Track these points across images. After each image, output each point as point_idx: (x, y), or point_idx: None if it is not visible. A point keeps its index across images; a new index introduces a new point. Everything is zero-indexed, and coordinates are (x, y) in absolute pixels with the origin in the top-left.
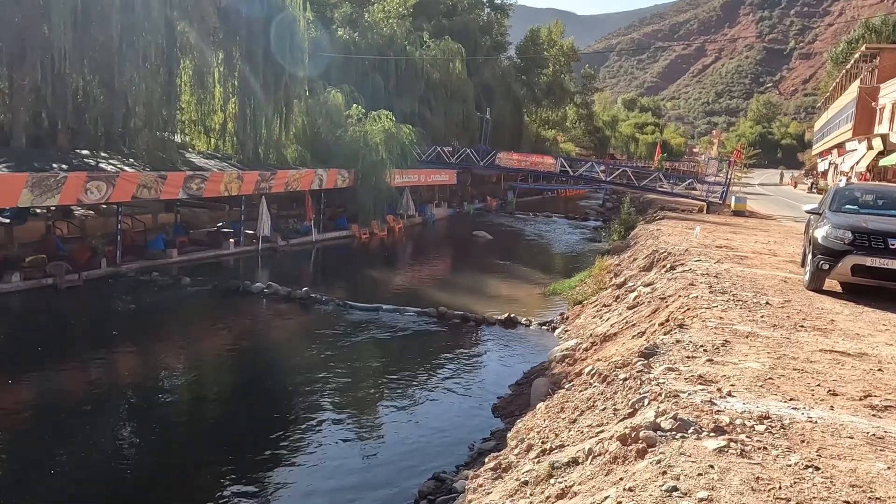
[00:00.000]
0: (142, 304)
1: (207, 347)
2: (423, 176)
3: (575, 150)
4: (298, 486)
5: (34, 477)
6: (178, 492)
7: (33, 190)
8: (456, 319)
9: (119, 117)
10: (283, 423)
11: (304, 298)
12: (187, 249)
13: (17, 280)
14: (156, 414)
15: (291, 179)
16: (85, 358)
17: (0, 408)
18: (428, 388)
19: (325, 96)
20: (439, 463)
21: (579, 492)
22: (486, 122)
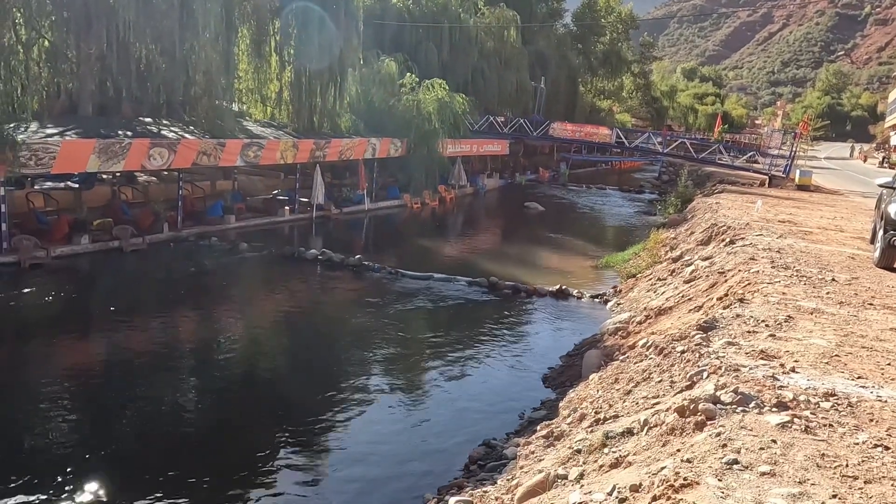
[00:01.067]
0: (201, 268)
1: (263, 311)
2: (475, 146)
3: (631, 120)
4: (349, 451)
5: (100, 431)
6: (233, 451)
7: (100, 156)
8: (507, 290)
9: (180, 86)
10: (335, 388)
11: (356, 266)
12: (244, 216)
13: (86, 242)
14: (213, 374)
15: (345, 148)
16: (149, 318)
17: (71, 364)
18: (478, 356)
19: (379, 65)
20: (489, 430)
21: (634, 461)
22: (539, 92)
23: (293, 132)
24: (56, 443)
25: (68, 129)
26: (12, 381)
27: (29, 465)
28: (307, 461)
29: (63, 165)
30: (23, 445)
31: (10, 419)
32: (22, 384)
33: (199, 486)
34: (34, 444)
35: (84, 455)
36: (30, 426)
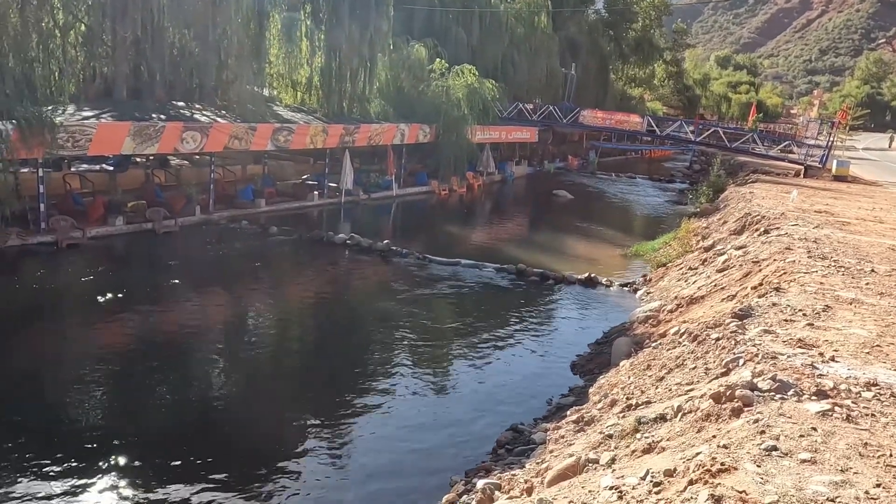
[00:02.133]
0: (232, 251)
1: (293, 294)
2: (504, 133)
3: (662, 109)
4: (377, 433)
5: (133, 408)
6: (261, 431)
7: (135, 138)
8: (535, 277)
9: (212, 70)
10: (362, 372)
11: (384, 251)
12: (274, 200)
13: (121, 224)
14: (243, 354)
15: (374, 134)
16: (181, 299)
17: (105, 342)
18: (505, 343)
19: (409, 50)
20: (516, 415)
21: (668, 447)
22: (570, 79)
23: (323, 117)
24: (90, 419)
25: (104, 111)
26: (50, 358)
27: (64, 441)
28: (335, 442)
29: (99, 147)
30: (58, 421)
31: (46, 395)
32: (59, 361)
33: (228, 464)
34: (69, 421)
35: (116, 431)
36: (65, 403)
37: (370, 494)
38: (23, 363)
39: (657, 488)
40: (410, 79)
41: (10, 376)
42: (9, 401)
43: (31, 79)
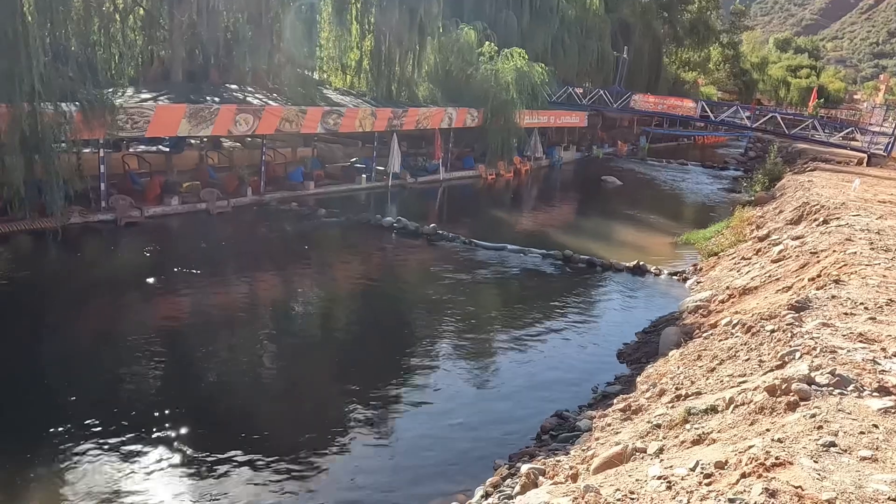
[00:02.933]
0: (282, 232)
1: (340, 275)
2: (552, 117)
3: (717, 93)
4: (420, 416)
5: (184, 381)
6: (306, 410)
7: (190, 120)
8: (581, 264)
9: (265, 53)
10: (407, 354)
11: (431, 234)
12: (323, 182)
13: (176, 204)
14: (290, 332)
15: (422, 117)
16: (232, 277)
17: (160, 316)
18: (550, 329)
19: (458, 34)
20: (561, 401)
21: (719, 439)
22: (621, 62)
23: (372, 101)
24: (143, 392)
25: (161, 94)
26: (108, 331)
27: (117, 410)
28: (379, 423)
29: (156, 129)
30: (114, 391)
31: (104, 366)
32: (116, 334)
33: (274, 440)
34: (123, 392)
35: (168, 402)
36: (120, 374)
37: (414, 476)
38: (82, 335)
39: (708, 480)
40: (459, 62)
41: (71, 347)
42: (69, 370)
43: (94, 62)
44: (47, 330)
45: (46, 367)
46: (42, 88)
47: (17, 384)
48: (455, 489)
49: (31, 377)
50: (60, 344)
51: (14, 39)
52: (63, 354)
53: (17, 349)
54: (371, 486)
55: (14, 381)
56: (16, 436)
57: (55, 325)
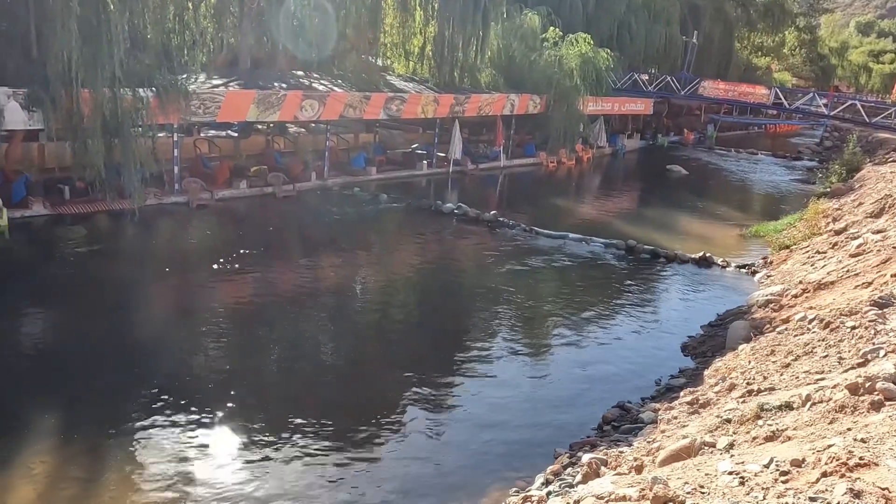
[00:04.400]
0: (345, 216)
1: (400, 260)
2: (616, 104)
3: (791, 80)
4: (479, 401)
5: (247, 358)
6: (364, 392)
7: (259, 106)
8: (645, 254)
9: (330, 40)
10: (466, 339)
11: (491, 221)
12: (384, 168)
13: (244, 187)
14: (350, 315)
15: (484, 104)
16: (297, 259)
17: (228, 295)
18: (611, 319)
19: (522, 19)
20: (622, 393)
21: (794, 437)
22: (690, 47)
23: (434, 87)
24: (209, 365)
25: (231, 80)
26: (178, 308)
27: (182, 384)
28: (436, 409)
29: (227, 114)
30: (179, 366)
31: (171, 341)
32: (186, 311)
33: (334, 420)
34: (189, 365)
35: (232, 379)
36: (188, 349)
37: (474, 462)
38: (154, 311)
39: (784, 477)
40: (522, 48)
41: (143, 322)
42: (140, 344)
43: (169, 49)
44: (121, 305)
45: (119, 341)
46: (122, 75)
47: (91, 355)
48: (515, 476)
49: (105, 349)
50: (133, 319)
51: (97, 28)
52: (135, 329)
53: (93, 322)
54: (430, 471)
55: (89, 353)
56: (86, 406)
57: (129, 301)
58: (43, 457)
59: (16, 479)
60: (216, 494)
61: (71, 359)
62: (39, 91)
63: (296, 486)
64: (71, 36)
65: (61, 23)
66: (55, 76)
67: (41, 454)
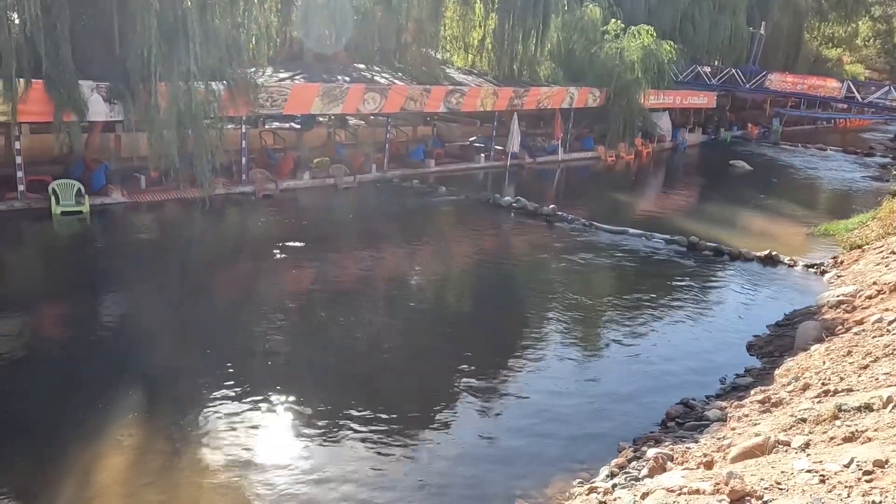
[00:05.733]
0: (404, 208)
1: (458, 252)
2: (678, 98)
3: (864, 72)
4: (536, 393)
5: (306, 343)
6: (419, 382)
7: (323, 99)
8: (708, 251)
9: (393, 33)
10: (520, 332)
11: (550, 215)
12: (442, 161)
13: (307, 178)
14: (406, 306)
15: (543, 97)
16: (356, 248)
17: (289, 281)
18: (673, 316)
19: (582, 11)
20: (685, 390)
21: (875, 438)
22: (757, 39)
23: (493, 80)
24: (269, 350)
25: (296, 74)
26: (245, 292)
27: (249, 366)
28: (494, 397)
29: (292, 107)
30: (246, 348)
31: (238, 323)
32: (250, 297)
33: (390, 405)
34: (251, 350)
35: (294, 361)
36: (251, 333)
37: (535, 451)
38: (221, 296)
39: (868, 476)
40: (582, 41)
41: (211, 306)
42: (207, 328)
43: (239, 43)
44: (192, 288)
45: (191, 322)
46: (196, 69)
47: (167, 335)
48: (578, 467)
49: (178, 330)
50: (203, 301)
51: (174, 24)
52: (205, 311)
53: (168, 303)
54: (490, 458)
55: (165, 332)
56: (164, 383)
57: (199, 285)
58: (131, 430)
59: (107, 450)
60: (280, 473)
61: (148, 337)
62: (120, 84)
63: (357, 468)
64: (150, 32)
65: (142, 19)
66: (135, 70)
67: (128, 427)
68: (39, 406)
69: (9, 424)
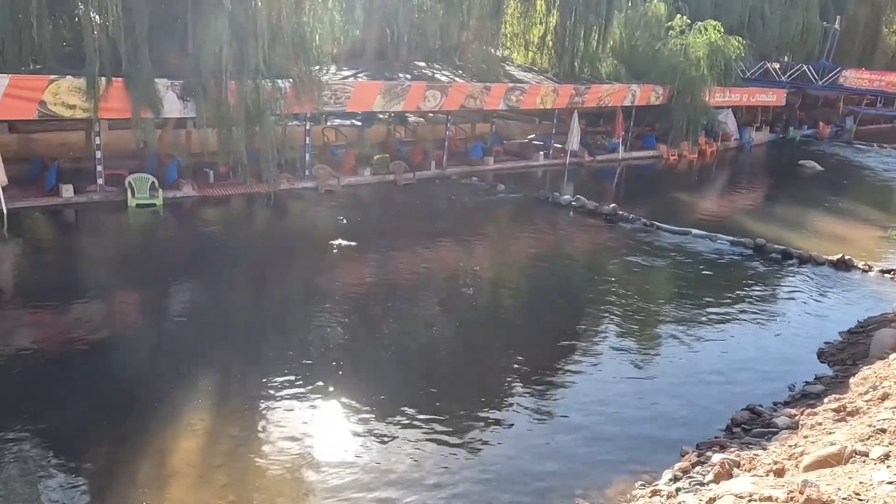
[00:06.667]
0: (463, 205)
1: (515, 250)
2: (745, 95)
3: None
4: (593, 392)
5: (363, 336)
6: (472, 378)
7: (385, 96)
8: (776, 254)
9: (454, 31)
10: (577, 331)
11: (610, 214)
12: (501, 158)
13: (368, 174)
14: (461, 302)
15: (604, 94)
16: (415, 244)
17: (349, 274)
18: (737, 321)
19: (646, 7)
20: (750, 396)
21: None
22: (831, 34)
23: (553, 77)
24: (332, 339)
25: (359, 71)
26: (306, 284)
27: (310, 356)
28: (551, 395)
29: (355, 104)
30: (307, 339)
31: (300, 314)
32: (312, 287)
33: (446, 401)
34: (315, 339)
35: (348, 356)
36: (315, 323)
37: (594, 451)
38: (284, 288)
39: None
40: (646, 37)
41: (276, 296)
42: (269, 317)
43: (305, 42)
44: (257, 279)
45: (255, 311)
46: (264, 67)
47: (234, 323)
48: (639, 469)
49: (244, 318)
50: (267, 292)
51: (244, 24)
52: (269, 301)
53: (234, 293)
54: (550, 456)
55: (232, 321)
56: (233, 369)
57: (264, 276)
58: (202, 414)
59: (182, 432)
60: (339, 464)
61: (215, 325)
62: (193, 82)
63: (415, 463)
64: (222, 31)
65: (214, 19)
66: (207, 69)
67: (199, 411)
68: (118, 387)
69: (91, 404)
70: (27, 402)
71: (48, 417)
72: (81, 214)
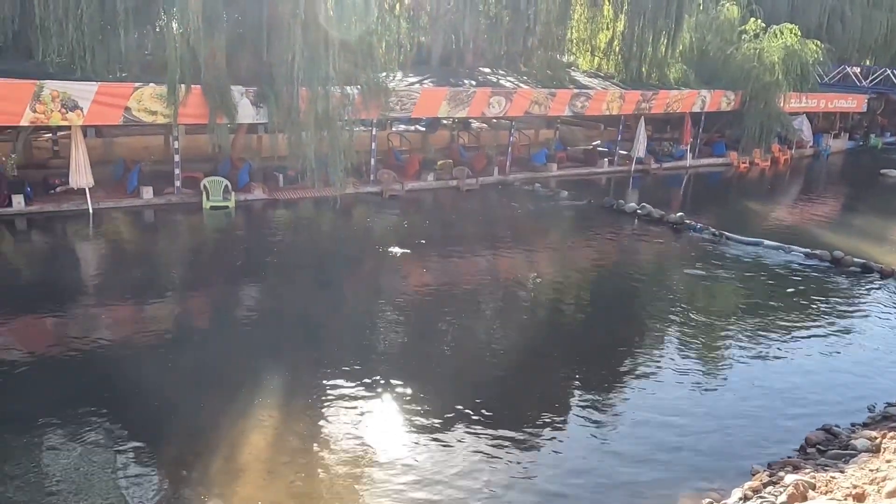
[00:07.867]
0: (526, 211)
1: (578, 258)
2: (823, 101)
3: None
4: (654, 406)
5: (425, 345)
6: (530, 387)
7: (450, 103)
8: (854, 268)
9: (519, 37)
10: (638, 342)
11: (677, 223)
12: (565, 165)
13: (431, 179)
14: (521, 308)
15: (672, 100)
16: (477, 250)
17: (411, 280)
18: (814, 336)
19: (718, 10)
20: (824, 416)
21: None
22: None
23: (619, 83)
24: (393, 341)
25: (424, 78)
26: (370, 287)
27: (370, 358)
28: (610, 407)
29: (421, 110)
30: (368, 341)
31: (362, 316)
32: (375, 290)
33: (500, 414)
34: (376, 341)
35: (409, 360)
36: (377, 325)
37: (659, 466)
38: (347, 289)
39: None
40: (717, 41)
41: (340, 298)
42: (337, 318)
43: (373, 49)
44: (324, 280)
45: (321, 312)
46: (333, 73)
47: (299, 324)
48: (706, 486)
49: (309, 319)
50: (332, 294)
51: (316, 33)
52: (334, 303)
53: (302, 294)
54: (612, 469)
55: (297, 321)
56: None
57: (330, 277)
58: (271, 411)
59: (251, 428)
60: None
61: (284, 325)
62: (266, 89)
63: (471, 472)
64: (295, 39)
65: (288, 28)
66: (279, 76)
67: (268, 409)
68: (192, 383)
69: (166, 399)
70: (106, 392)
71: (125, 410)
72: (160, 215)
